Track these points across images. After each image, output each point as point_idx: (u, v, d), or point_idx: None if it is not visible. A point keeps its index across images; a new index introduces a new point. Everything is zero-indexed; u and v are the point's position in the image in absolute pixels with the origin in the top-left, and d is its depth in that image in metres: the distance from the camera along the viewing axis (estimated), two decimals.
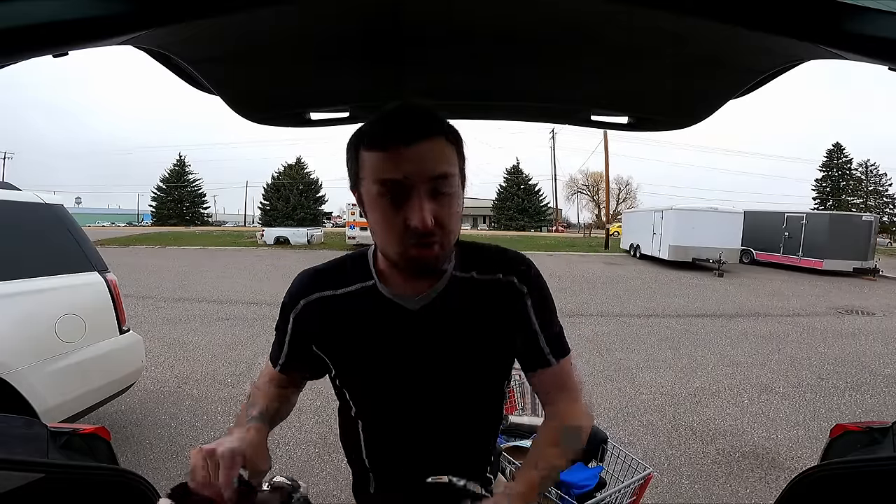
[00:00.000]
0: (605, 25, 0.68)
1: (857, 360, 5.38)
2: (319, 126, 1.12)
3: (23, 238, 2.45)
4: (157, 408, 3.58)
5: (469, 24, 0.70)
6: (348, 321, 0.78)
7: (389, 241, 0.69)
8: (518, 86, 0.97)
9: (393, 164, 0.64)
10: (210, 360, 4.78)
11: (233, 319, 6.79)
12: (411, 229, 0.65)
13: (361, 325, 0.77)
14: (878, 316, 8.30)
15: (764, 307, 8.84)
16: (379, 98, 1.02)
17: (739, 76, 0.81)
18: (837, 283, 12.96)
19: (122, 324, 2.77)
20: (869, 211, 39.57)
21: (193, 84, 0.90)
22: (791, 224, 16.14)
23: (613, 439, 1.63)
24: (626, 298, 9.40)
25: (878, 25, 0.47)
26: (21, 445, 0.87)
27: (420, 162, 0.64)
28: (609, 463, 1.57)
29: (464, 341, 0.78)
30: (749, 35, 0.59)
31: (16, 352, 2.20)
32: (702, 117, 1.01)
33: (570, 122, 1.12)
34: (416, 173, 0.64)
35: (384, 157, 0.64)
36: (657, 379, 4.50)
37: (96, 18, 0.47)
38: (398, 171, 0.64)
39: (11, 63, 0.53)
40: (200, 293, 9.05)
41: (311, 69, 0.87)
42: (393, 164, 0.64)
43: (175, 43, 0.70)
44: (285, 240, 22.68)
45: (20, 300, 2.31)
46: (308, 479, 2.63)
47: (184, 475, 0.62)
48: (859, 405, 4.01)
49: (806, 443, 3.25)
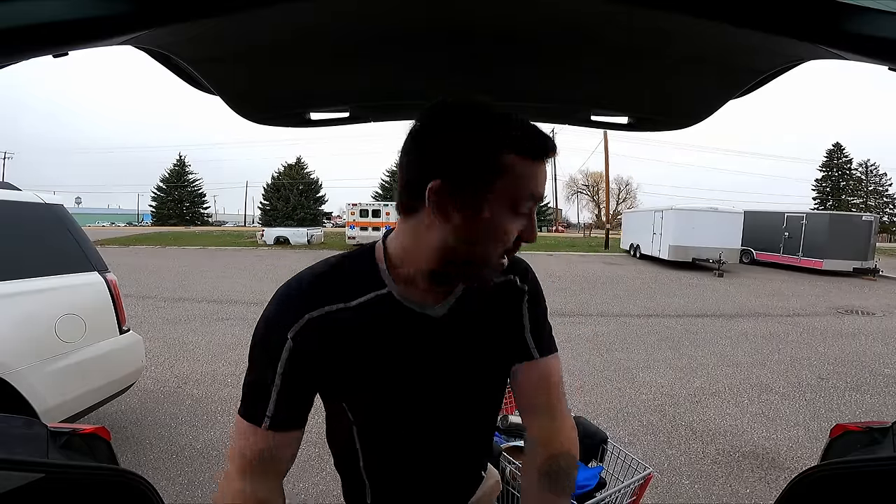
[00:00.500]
0: (605, 25, 0.68)
1: (857, 360, 5.38)
2: (319, 126, 1.12)
3: (23, 238, 2.45)
4: (157, 408, 3.58)
5: (469, 23, 0.70)
6: (363, 336, 0.68)
7: (491, 247, 0.64)
8: (518, 86, 0.97)
9: (537, 177, 0.63)
10: (210, 360, 4.79)
11: (233, 319, 6.80)
12: (516, 244, 0.65)
13: (379, 340, 0.69)
14: (878, 316, 8.30)
15: (764, 307, 8.84)
16: (379, 98, 1.02)
17: (739, 76, 0.81)
18: (837, 283, 12.96)
19: (122, 324, 2.77)
20: (869, 211, 39.61)
21: (193, 84, 0.90)
22: (791, 224, 16.14)
23: (613, 439, 1.63)
24: (626, 298, 9.41)
25: (878, 25, 0.47)
26: (21, 445, 0.87)
27: (545, 181, 0.65)
28: (609, 463, 1.57)
29: (483, 344, 0.77)
30: (749, 35, 0.59)
31: (16, 352, 2.20)
32: (702, 117, 1.01)
33: (570, 122, 1.12)
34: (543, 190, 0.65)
35: (535, 167, 0.62)
36: (657, 379, 4.50)
37: (96, 18, 0.47)
38: (538, 185, 0.63)
39: (11, 63, 0.53)
40: (200, 293, 9.06)
41: (311, 69, 0.87)
42: (537, 176, 0.63)
43: (175, 43, 0.70)
44: (285, 240, 22.69)
45: (20, 300, 2.31)
46: (308, 480, 2.64)
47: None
48: (859, 405, 4.02)
49: (806, 443, 3.25)
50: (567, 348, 5.44)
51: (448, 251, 0.64)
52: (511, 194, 0.61)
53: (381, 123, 1.16)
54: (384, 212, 19.63)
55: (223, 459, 2.82)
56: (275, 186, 48.94)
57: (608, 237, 24.71)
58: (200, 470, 2.72)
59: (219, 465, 2.77)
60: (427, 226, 0.64)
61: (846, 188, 47.31)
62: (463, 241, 0.63)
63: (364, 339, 0.68)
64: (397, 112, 1.10)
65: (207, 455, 2.89)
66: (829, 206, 45.14)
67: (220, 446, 3.00)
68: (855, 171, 47.64)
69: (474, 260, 0.65)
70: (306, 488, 2.57)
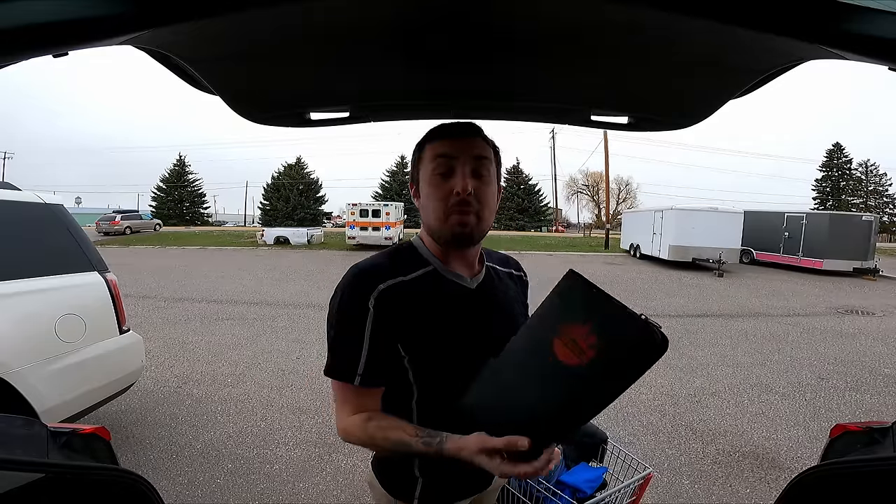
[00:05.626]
0: (605, 25, 0.68)
1: (857, 360, 5.38)
2: (319, 126, 1.12)
3: (23, 238, 2.45)
4: (157, 408, 3.58)
5: (468, 23, 0.70)
6: (422, 303, 0.85)
7: (437, 210, 0.85)
8: (518, 86, 0.97)
9: (447, 145, 0.86)
10: (210, 360, 4.78)
11: (233, 319, 6.80)
12: (454, 196, 0.83)
13: (432, 306, 0.86)
14: (878, 316, 8.30)
15: (764, 307, 8.84)
16: (379, 98, 1.02)
17: (739, 76, 0.81)
18: (837, 282, 12.96)
19: (122, 324, 2.78)
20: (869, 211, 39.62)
21: (193, 84, 0.90)
22: (791, 224, 16.13)
23: (613, 439, 1.63)
24: (626, 298, 9.28)
25: (878, 25, 0.47)
26: (21, 445, 0.87)
27: (465, 145, 0.86)
28: (609, 463, 1.57)
29: (511, 317, 0.96)
30: (749, 35, 0.58)
31: (16, 352, 2.20)
32: (702, 117, 1.01)
33: (570, 122, 1.12)
34: (462, 150, 0.85)
35: (441, 142, 0.87)
36: (657, 379, 4.50)
37: (96, 18, 0.47)
38: (450, 149, 0.86)
39: (11, 63, 0.53)
40: (200, 293, 9.05)
41: (311, 69, 0.87)
42: (447, 145, 0.86)
43: (175, 43, 0.70)
44: (285, 240, 22.66)
45: (20, 300, 2.31)
46: (308, 480, 2.64)
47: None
48: (859, 405, 4.02)
49: (806, 443, 3.25)
50: None
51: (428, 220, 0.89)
52: (427, 165, 0.88)
53: (381, 123, 1.16)
54: (384, 212, 19.60)
55: (223, 460, 2.83)
56: (275, 186, 48.88)
57: (608, 237, 24.70)
58: (200, 470, 2.72)
59: (219, 465, 2.77)
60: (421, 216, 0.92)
61: (846, 188, 47.26)
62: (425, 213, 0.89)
63: (421, 304, 0.86)
64: (397, 112, 1.10)
65: (207, 455, 2.89)
66: (829, 206, 45.08)
67: (220, 446, 3.00)
68: (855, 171, 47.58)
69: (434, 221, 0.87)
70: (306, 488, 2.57)
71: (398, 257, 0.90)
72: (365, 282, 0.84)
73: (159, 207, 49.42)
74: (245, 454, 2.92)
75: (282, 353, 5.05)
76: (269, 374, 4.40)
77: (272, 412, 3.57)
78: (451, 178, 0.85)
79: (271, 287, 9.89)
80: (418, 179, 0.91)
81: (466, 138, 0.87)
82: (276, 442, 3.10)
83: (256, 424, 3.36)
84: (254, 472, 2.71)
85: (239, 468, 2.76)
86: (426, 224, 0.91)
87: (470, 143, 0.86)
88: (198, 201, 52.29)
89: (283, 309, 7.66)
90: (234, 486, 2.57)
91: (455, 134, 0.88)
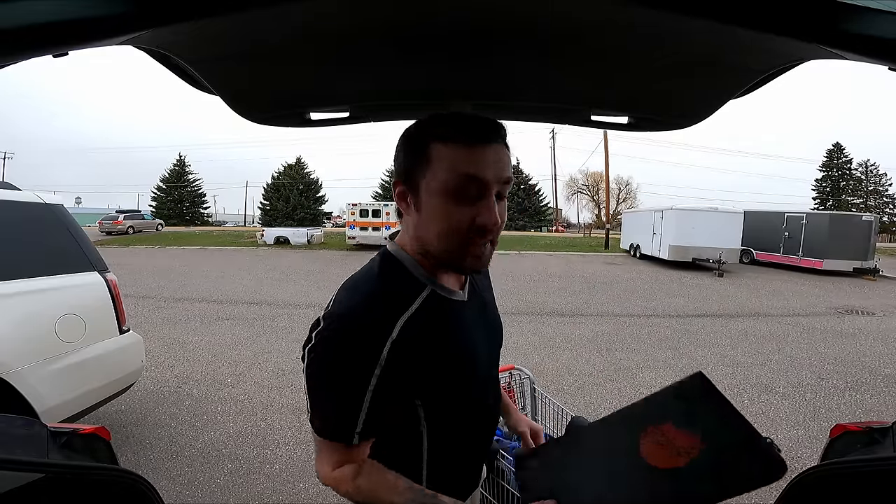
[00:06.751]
0: (605, 25, 0.68)
1: (857, 360, 5.38)
2: (319, 126, 1.12)
3: (23, 238, 2.44)
4: (157, 408, 3.58)
5: (468, 23, 0.70)
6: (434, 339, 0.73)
7: (449, 236, 0.70)
8: (518, 85, 0.97)
9: (475, 161, 0.67)
10: (210, 360, 4.78)
11: (233, 319, 6.80)
12: (476, 227, 0.68)
13: (444, 338, 0.74)
14: (878, 316, 8.30)
15: (764, 307, 8.84)
16: (379, 98, 1.02)
17: (739, 76, 0.81)
18: (837, 283, 12.96)
19: (122, 324, 2.78)
20: (869, 211, 39.61)
21: (193, 84, 0.90)
22: (791, 224, 16.13)
23: None
24: (626, 298, 9.41)
25: (878, 25, 0.47)
26: (21, 445, 0.87)
27: (496, 163, 0.68)
28: None
29: (497, 320, 0.92)
30: (749, 35, 0.58)
31: (16, 352, 2.20)
32: (702, 117, 1.01)
33: (570, 122, 1.12)
34: (494, 173, 0.68)
35: (467, 152, 0.67)
36: (657, 379, 4.49)
37: (96, 18, 0.47)
38: (479, 169, 0.67)
39: (11, 63, 0.53)
40: (200, 293, 9.05)
41: (311, 69, 0.87)
42: (475, 160, 0.67)
43: (175, 43, 0.70)
44: (285, 240, 22.66)
45: (20, 300, 2.31)
46: (308, 480, 2.64)
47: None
48: (859, 405, 4.01)
49: (806, 443, 3.25)
50: (567, 348, 5.43)
51: (427, 239, 0.72)
52: (443, 177, 0.67)
53: (381, 123, 1.16)
54: (384, 212, 19.61)
55: (223, 460, 2.83)
56: (275, 186, 48.88)
57: (608, 237, 24.69)
58: (200, 470, 2.72)
59: (219, 466, 2.77)
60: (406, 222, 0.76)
61: (846, 188, 47.24)
62: (423, 228, 0.72)
63: (433, 340, 0.73)
64: (397, 112, 1.10)
65: (207, 455, 2.89)
66: (829, 206, 45.06)
67: (220, 446, 3.00)
68: (855, 171, 47.56)
69: (443, 245, 0.71)
70: (306, 488, 2.57)
71: (389, 281, 0.74)
72: (368, 329, 0.67)
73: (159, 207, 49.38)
74: (245, 454, 2.92)
75: (282, 353, 5.05)
76: (269, 374, 4.41)
77: (272, 412, 3.57)
78: (474, 204, 0.68)
79: (271, 287, 9.89)
80: (419, 187, 0.70)
81: (496, 145, 0.69)
82: (276, 442, 3.10)
83: (256, 424, 3.36)
84: (254, 472, 2.71)
85: (239, 468, 2.76)
86: (422, 240, 0.73)
87: (500, 158, 0.69)
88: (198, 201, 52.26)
89: (283, 309, 7.66)
90: (234, 486, 2.57)
91: (480, 138, 0.68)
